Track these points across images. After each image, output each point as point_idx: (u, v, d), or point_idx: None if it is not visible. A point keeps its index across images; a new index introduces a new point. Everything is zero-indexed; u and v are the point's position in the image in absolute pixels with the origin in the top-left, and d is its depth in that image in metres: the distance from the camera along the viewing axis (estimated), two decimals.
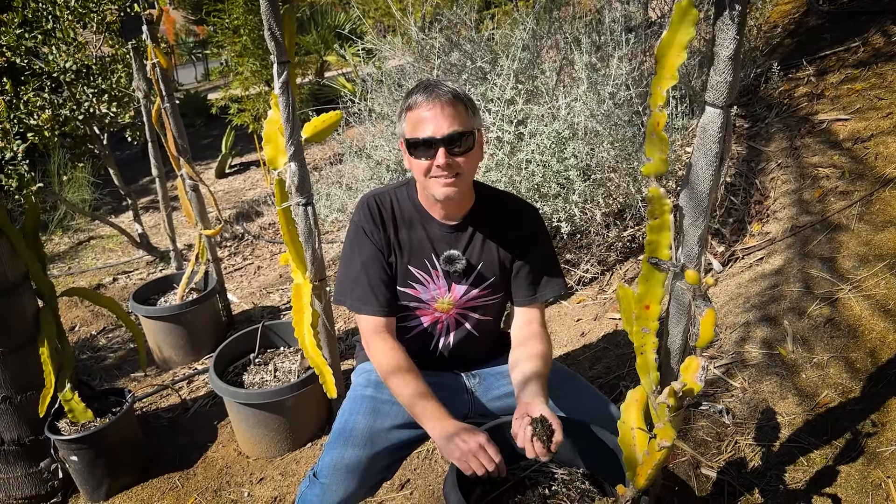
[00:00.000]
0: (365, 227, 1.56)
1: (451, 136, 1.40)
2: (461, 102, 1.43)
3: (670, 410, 1.16)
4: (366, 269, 1.56)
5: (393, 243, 1.57)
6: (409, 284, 1.59)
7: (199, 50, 15.81)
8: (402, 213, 1.57)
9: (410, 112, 1.44)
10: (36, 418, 2.21)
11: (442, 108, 1.40)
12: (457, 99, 1.43)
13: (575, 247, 3.14)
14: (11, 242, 2.11)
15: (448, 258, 1.56)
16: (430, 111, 1.41)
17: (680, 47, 1.01)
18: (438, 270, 1.57)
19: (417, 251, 1.56)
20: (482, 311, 1.64)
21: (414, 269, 1.57)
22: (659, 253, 1.14)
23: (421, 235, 1.56)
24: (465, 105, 1.44)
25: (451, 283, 1.59)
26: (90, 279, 4.50)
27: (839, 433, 1.75)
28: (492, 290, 1.61)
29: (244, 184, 6.51)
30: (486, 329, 1.69)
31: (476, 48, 3.40)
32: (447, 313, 1.63)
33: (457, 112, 1.42)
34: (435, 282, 1.58)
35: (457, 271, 1.56)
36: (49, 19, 3.68)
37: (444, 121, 1.40)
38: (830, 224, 2.46)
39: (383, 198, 1.59)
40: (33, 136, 3.71)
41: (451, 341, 1.66)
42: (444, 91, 1.42)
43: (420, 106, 1.42)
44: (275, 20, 1.75)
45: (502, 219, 1.59)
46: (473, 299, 1.61)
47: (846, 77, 3.28)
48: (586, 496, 1.43)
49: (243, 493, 2.26)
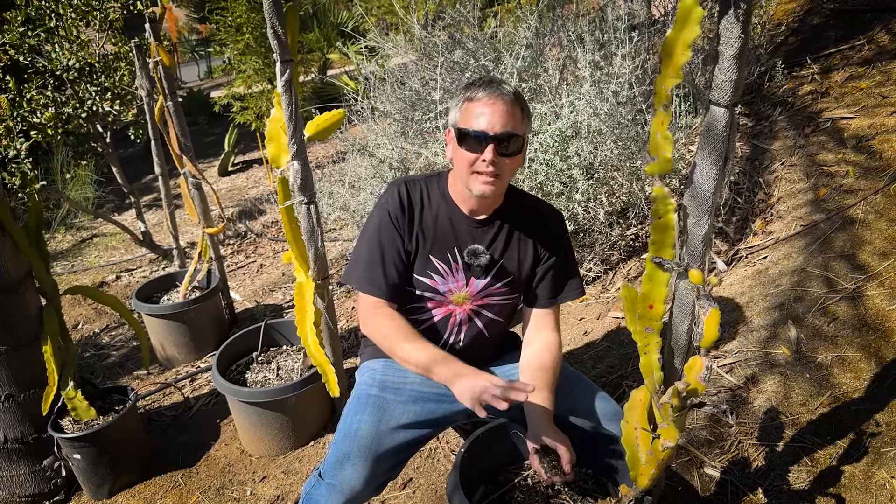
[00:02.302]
0: (391, 210, 1.55)
1: (503, 134, 1.41)
2: (519, 105, 1.44)
3: (674, 410, 1.15)
4: (381, 250, 1.56)
5: (416, 231, 1.57)
6: (427, 274, 1.59)
7: (202, 48, 15.82)
8: (430, 203, 1.58)
9: (469, 103, 1.44)
10: (39, 416, 2.22)
11: (501, 107, 1.41)
12: (517, 101, 1.44)
13: (578, 246, 3.13)
14: (14, 240, 2.11)
15: (473, 252, 1.57)
16: (489, 107, 1.41)
17: (685, 46, 1.00)
18: (459, 264, 1.58)
19: (441, 242, 1.57)
20: (495, 311, 1.65)
21: (435, 260, 1.57)
22: (663, 252, 1.13)
23: (446, 227, 1.57)
24: (522, 110, 1.45)
25: (469, 278, 1.59)
26: (93, 277, 4.51)
27: (843, 433, 1.74)
28: (509, 288, 1.62)
29: (247, 182, 6.52)
30: (496, 330, 1.69)
31: (479, 46, 3.40)
32: (461, 307, 1.63)
33: (514, 113, 1.43)
34: (454, 274, 1.59)
35: (479, 265, 1.57)
36: (52, 17, 3.68)
37: (500, 119, 1.41)
38: (835, 223, 2.45)
39: (413, 185, 1.59)
40: (36, 134, 3.71)
41: (461, 339, 1.66)
42: (506, 90, 1.43)
43: (480, 100, 1.42)
44: (277, 18, 1.75)
45: (528, 220, 1.60)
46: (490, 296, 1.62)
47: (851, 75, 3.27)
48: (589, 496, 1.43)
49: (246, 491, 2.26)
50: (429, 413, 1.60)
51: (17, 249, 2.13)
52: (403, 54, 3.78)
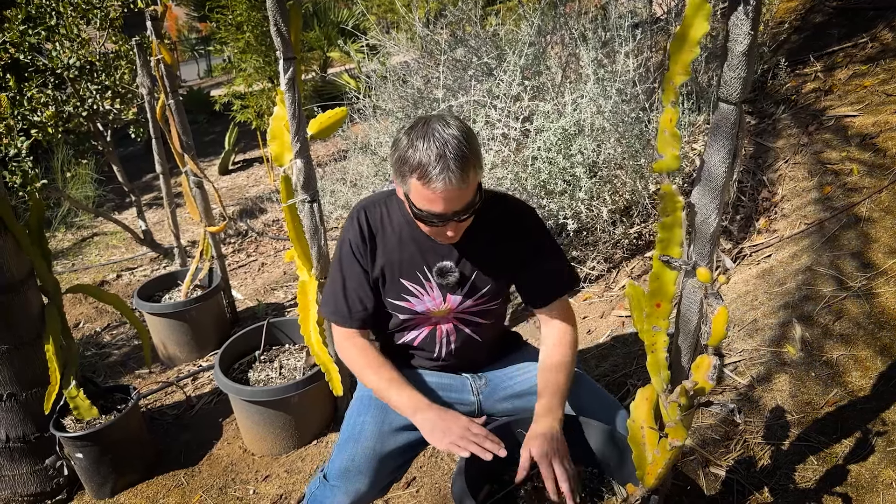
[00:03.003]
0: (352, 241, 1.51)
1: (463, 210, 1.33)
2: (472, 168, 1.29)
3: (682, 409, 1.14)
4: (345, 283, 1.53)
5: (381, 258, 1.51)
6: (401, 297, 1.54)
7: (202, 46, 15.80)
8: (392, 226, 1.51)
9: (419, 181, 1.28)
10: (41, 415, 2.21)
11: (457, 187, 1.27)
12: (468, 168, 1.28)
13: (581, 244, 3.12)
14: (16, 239, 2.11)
15: (440, 270, 1.50)
16: (443, 193, 1.27)
17: (693, 43, 0.99)
18: (432, 282, 1.52)
19: (409, 264, 1.51)
20: (482, 316, 1.60)
21: (407, 283, 1.52)
22: (670, 250, 1.13)
23: (411, 248, 1.50)
24: (474, 166, 1.30)
25: (445, 294, 1.54)
26: (94, 276, 4.50)
27: (849, 432, 1.73)
28: (488, 298, 1.56)
29: (248, 180, 6.51)
30: (489, 332, 1.65)
31: (481, 44, 3.39)
32: (444, 320, 1.58)
33: (470, 184, 1.30)
34: (429, 293, 1.53)
35: (449, 283, 1.51)
36: (52, 15, 3.67)
37: (458, 198, 1.30)
38: (840, 221, 2.44)
39: (373, 210, 1.52)
40: (37, 133, 3.71)
41: (453, 347, 1.62)
42: (455, 168, 1.25)
43: (431, 183, 1.26)
44: (281, 16, 1.74)
45: (497, 224, 1.51)
46: (470, 308, 1.57)
47: (855, 73, 3.25)
48: (595, 495, 1.43)
49: (249, 490, 2.25)
50: None
51: (19, 248, 2.13)
52: (405, 52, 3.77)
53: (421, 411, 1.39)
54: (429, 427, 1.36)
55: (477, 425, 1.35)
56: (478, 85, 3.18)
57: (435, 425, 1.35)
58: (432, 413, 1.38)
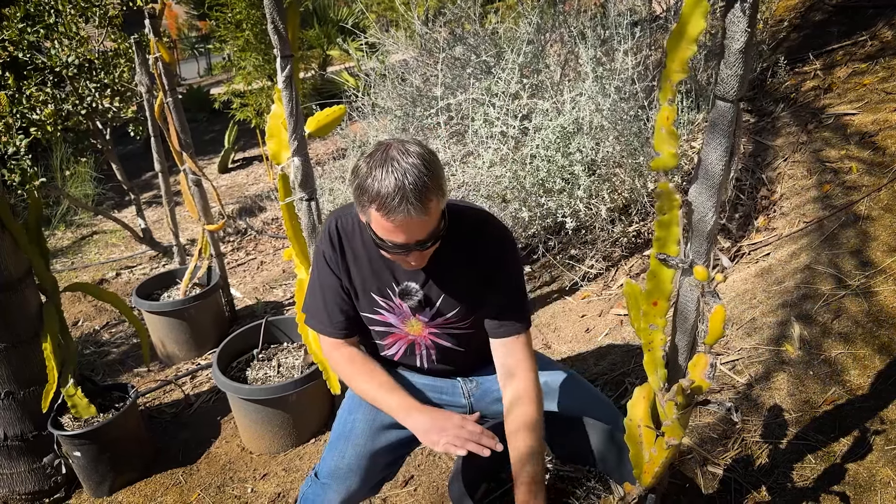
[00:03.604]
0: (325, 252, 1.49)
1: (425, 238, 1.28)
2: (433, 198, 1.23)
3: (678, 408, 1.14)
4: (323, 293, 1.51)
5: (353, 270, 1.49)
6: (374, 311, 1.52)
7: (202, 45, 15.80)
8: (362, 239, 1.47)
9: (378, 213, 1.23)
10: (39, 414, 2.21)
11: (419, 220, 1.23)
12: (428, 198, 1.22)
13: (580, 242, 3.12)
14: (14, 237, 2.11)
15: (403, 291, 1.47)
16: (403, 225, 1.23)
17: (690, 40, 0.99)
18: (400, 300, 1.49)
19: (377, 279, 1.48)
20: (459, 329, 1.54)
21: (377, 297, 1.50)
22: (667, 249, 1.12)
23: (380, 264, 1.46)
24: (436, 195, 1.24)
25: (414, 312, 1.51)
26: (93, 274, 4.50)
27: (847, 431, 1.73)
28: (456, 320, 1.51)
29: (247, 179, 6.51)
30: (469, 341, 1.58)
31: (480, 42, 3.38)
32: (420, 335, 1.56)
33: (430, 215, 1.24)
34: (400, 307, 1.50)
35: (412, 304, 1.48)
36: (51, 14, 3.67)
37: (419, 231, 1.25)
38: (839, 219, 2.44)
39: (345, 221, 1.48)
40: (36, 131, 3.71)
41: (434, 359, 1.60)
42: (414, 199, 1.19)
43: (391, 214, 1.21)
44: (278, 14, 1.74)
45: (467, 247, 1.45)
46: (440, 325, 1.53)
47: (854, 71, 3.25)
48: (592, 494, 1.43)
49: (247, 488, 2.25)
50: None
51: (17, 246, 2.13)
52: (404, 50, 3.77)
53: (413, 415, 1.37)
54: (423, 429, 1.34)
55: (471, 422, 1.33)
56: (476, 83, 3.17)
57: (429, 427, 1.33)
58: (424, 415, 1.36)
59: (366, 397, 1.48)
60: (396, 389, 1.44)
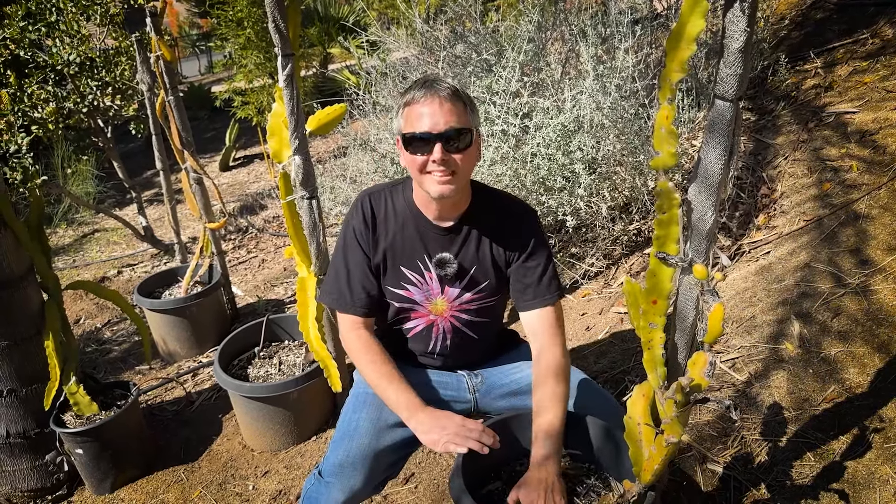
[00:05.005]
0: (355, 227, 1.53)
1: (448, 131, 1.37)
2: (460, 100, 1.40)
3: (677, 406, 1.15)
4: (349, 269, 1.54)
5: (383, 245, 1.53)
6: (401, 286, 1.56)
7: (203, 42, 15.79)
8: (395, 214, 1.54)
9: (408, 107, 1.41)
10: (41, 411, 2.22)
11: (441, 104, 1.37)
12: (456, 96, 1.39)
13: (580, 240, 3.13)
14: (16, 235, 2.11)
15: (439, 261, 1.52)
16: (429, 106, 1.37)
17: (689, 39, 0.99)
18: (432, 272, 1.54)
19: (410, 252, 1.53)
20: (479, 314, 1.60)
21: (406, 271, 1.54)
22: (667, 248, 1.13)
23: (413, 236, 1.53)
24: (465, 103, 1.41)
25: (444, 286, 1.55)
26: (95, 272, 4.51)
27: (846, 429, 1.74)
28: (486, 293, 1.57)
29: (248, 177, 6.51)
30: (485, 330, 1.65)
31: (481, 40, 3.38)
32: (442, 316, 1.59)
33: (455, 108, 1.38)
34: (428, 283, 1.55)
35: (447, 275, 1.53)
36: (53, 12, 3.67)
37: (442, 116, 1.37)
38: (839, 217, 2.44)
39: (377, 197, 1.55)
40: (37, 129, 3.71)
41: (448, 344, 1.63)
42: (443, 87, 1.39)
43: (418, 101, 1.38)
44: (279, 12, 1.74)
45: (499, 221, 1.53)
46: (468, 302, 1.58)
47: (855, 69, 3.25)
48: (592, 491, 1.43)
49: (248, 486, 2.26)
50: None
51: (19, 244, 2.13)
52: (405, 48, 3.77)
53: (416, 415, 1.39)
54: (424, 429, 1.36)
55: (472, 421, 1.35)
56: (477, 81, 3.17)
57: (430, 427, 1.36)
58: (426, 415, 1.38)
59: (374, 386, 1.50)
60: (404, 385, 1.45)
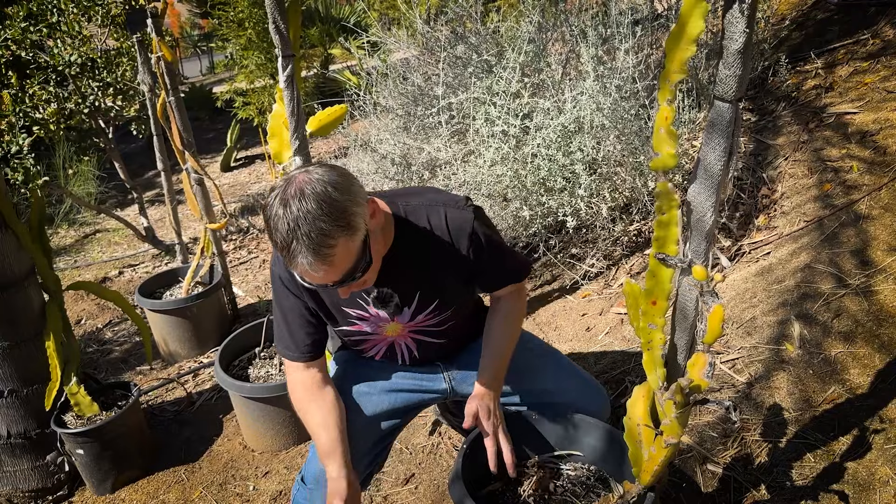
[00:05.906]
0: (281, 275, 1.42)
1: (343, 278, 1.20)
2: (335, 244, 1.13)
3: (677, 407, 1.15)
4: (285, 317, 1.47)
5: (315, 291, 1.43)
6: (348, 323, 1.50)
7: (204, 43, 15.81)
8: None
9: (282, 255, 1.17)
10: (42, 411, 2.22)
11: (322, 269, 1.15)
12: (327, 245, 1.12)
13: (580, 241, 3.13)
14: (17, 236, 2.12)
15: (380, 298, 1.43)
16: (306, 273, 1.17)
17: (689, 41, 0.99)
18: (376, 307, 1.47)
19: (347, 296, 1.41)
20: (439, 324, 1.54)
21: (349, 310, 1.47)
22: (666, 249, 1.13)
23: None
24: (341, 236, 1.13)
25: (392, 316, 1.48)
26: (96, 272, 4.51)
27: (847, 430, 1.73)
28: (441, 308, 1.50)
29: (249, 177, 6.52)
30: (453, 330, 1.59)
31: (481, 41, 3.38)
32: (400, 335, 1.56)
33: (334, 259, 1.14)
34: (376, 315, 1.48)
35: (391, 307, 1.46)
36: (54, 13, 3.67)
37: (328, 275, 1.18)
38: (840, 218, 2.44)
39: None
40: (39, 130, 3.71)
41: (416, 354, 1.61)
42: (310, 252, 1.11)
43: (293, 266, 1.16)
44: (279, 13, 1.74)
45: (435, 244, 1.39)
46: (424, 320, 1.52)
47: (855, 70, 3.24)
48: (592, 492, 1.43)
49: (248, 486, 2.26)
50: (404, 401, 1.62)
51: (20, 245, 2.14)
52: (405, 49, 3.77)
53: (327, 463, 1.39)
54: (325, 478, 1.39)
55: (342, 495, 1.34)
56: (478, 82, 3.17)
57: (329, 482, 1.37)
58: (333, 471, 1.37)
59: (305, 426, 1.48)
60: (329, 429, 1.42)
